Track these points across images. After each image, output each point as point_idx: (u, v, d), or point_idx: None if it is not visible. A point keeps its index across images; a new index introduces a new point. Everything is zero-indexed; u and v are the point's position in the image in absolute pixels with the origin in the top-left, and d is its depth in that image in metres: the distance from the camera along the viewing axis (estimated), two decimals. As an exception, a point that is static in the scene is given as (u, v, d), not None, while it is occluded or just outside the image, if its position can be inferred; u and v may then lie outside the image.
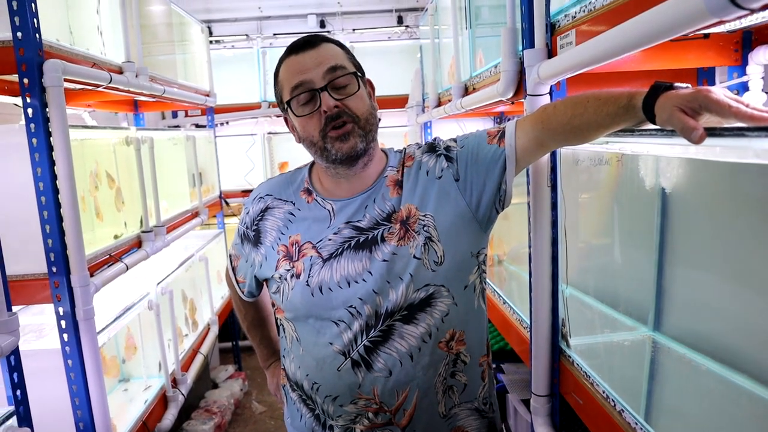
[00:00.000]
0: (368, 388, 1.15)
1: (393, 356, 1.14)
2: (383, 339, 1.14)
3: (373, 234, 1.16)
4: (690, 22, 0.75)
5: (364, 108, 1.15)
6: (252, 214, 1.29)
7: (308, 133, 1.15)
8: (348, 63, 1.17)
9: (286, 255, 1.21)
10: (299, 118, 1.16)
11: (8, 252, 1.34)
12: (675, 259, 1.13)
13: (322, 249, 1.17)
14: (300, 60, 1.14)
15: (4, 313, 1.30)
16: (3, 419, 1.25)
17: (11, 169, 1.70)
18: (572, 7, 1.26)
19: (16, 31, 1.57)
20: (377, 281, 1.13)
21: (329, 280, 1.15)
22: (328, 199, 1.22)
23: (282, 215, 1.24)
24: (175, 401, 2.51)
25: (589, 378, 1.31)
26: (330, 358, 1.16)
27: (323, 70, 1.12)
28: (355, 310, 1.14)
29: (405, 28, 4.94)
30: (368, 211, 1.18)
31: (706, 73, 1.65)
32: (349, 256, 1.15)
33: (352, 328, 1.14)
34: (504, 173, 1.17)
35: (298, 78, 1.13)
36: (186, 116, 4.91)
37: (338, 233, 1.17)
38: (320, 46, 1.15)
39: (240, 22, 5.05)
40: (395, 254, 1.14)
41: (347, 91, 1.14)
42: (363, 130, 1.14)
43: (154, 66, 2.69)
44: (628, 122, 0.98)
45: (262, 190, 1.32)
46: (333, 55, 1.15)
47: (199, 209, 3.30)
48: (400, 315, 1.14)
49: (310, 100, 1.14)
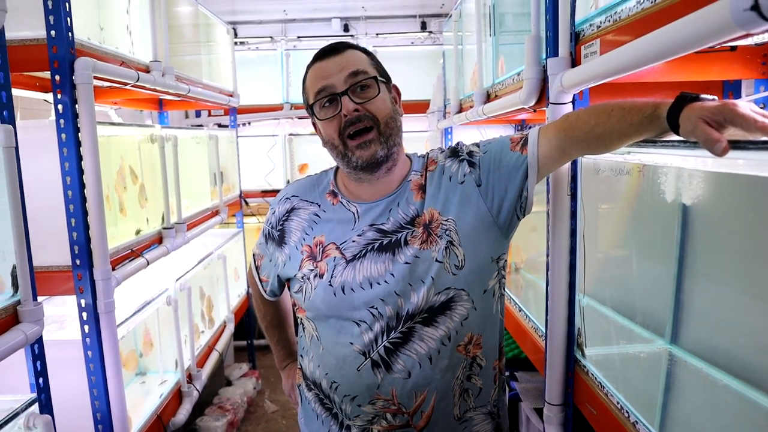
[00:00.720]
0: (387, 389, 1.16)
1: (412, 358, 1.15)
2: (403, 340, 1.15)
3: (396, 237, 1.18)
4: (716, 35, 0.75)
5: (385, 111, 1.17)
6: (278, 214, 1.31)
7: (329, 136, 1.18)
8: (370, 68, 1.19)
9: (309, 255, 1.23)
10: (321, 122, 1.19)
11: (34, 243, 1.37)
12: (694, 272, 1.12)
13: (346, 250, 1.19)
14: (324, 66, 1.18)
15: (30, 302, 1.33)
16: (26, 406, 1.28)
17: (40, 163, 1.74)
18: (597, 16, 1.26)
19: (50, 30, 1.62)
20: (399, 283, 1.15)
21: (352, 280, 1.17)
22: (353, 201, 1.24)
23: (307, 216, 1.26)
24: (189, 396, 2.54)
25: (603, 388, 1.31)
26: (350, 357, 1.17)
27: (345, 74, 1.15)
28: (376, 311, 1.15)
29: (428, 33, 4.96)
30: (392, 215, 1.20)
31: (732, 85, 1.63)
32: (372, 258, 1.17)
33: (373, 329, 1.16)
34: (525, 180, 1.17)
35: (322, 83, 1.17)
36: (209, 116, 4.98)
37: (362, 235, 1.19)
38: (344, 52, 1.19)
39: (265, 24, 5.11)
40: (417, 257, 1.15)
41: (368, 95, 1.16)
42: (383, 135, 1.16)
43: (180, 65, 2.73)
44: (652, 132, 0.98)
45: (289, 191, 1.34)
46: (355, 61, 1.18)
47: (219, 208, 3.34)
48: (420, 317, 1.15)
49: (332, 104, 1.17)
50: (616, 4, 1.17)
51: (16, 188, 1.30)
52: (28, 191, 1.35)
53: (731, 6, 0.68)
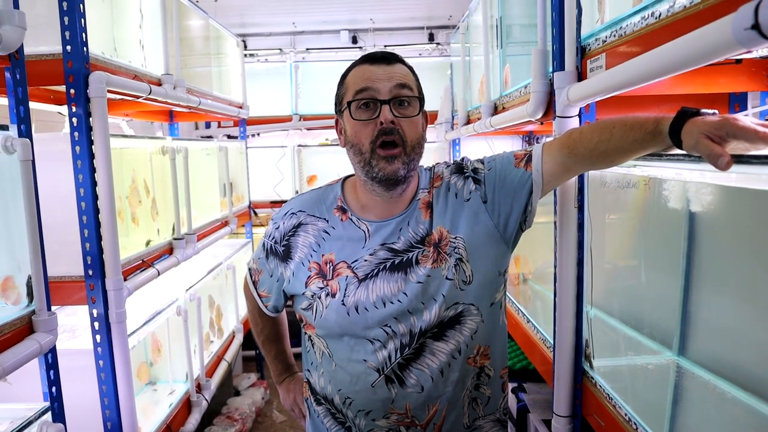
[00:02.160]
0: (401, 403, 1.17)
1: (425, 372, 1.17)
2: (415, 356, 1.17)
3: (407, 256, 1.18)
4: (718, 52, 0.77)
5: (415, 135, 1.17)
6: (283, 230, 1.28)
7: (359, 140, 1.16)
8: (415, 87, 1.19)
9: (318, 273, 1.21)
10: (353, 122, 1.16)
11: (48, 254, 1.40)
12: (701, 284, 1.13)
13: (358, 269, 1.19)
14: (372, 70, 1.16)
15: (44, 312, 1.35)
16: (39, 414, 1.30)
17: (54, 175, 1.77)
18: (603, 31, 1.28)
19: (65, 45, 1.66)
20: (412, 302, 1.15)
21: (365, 299, 1.17)
22: (363, 219, 1.22)
23: (315, 232, 1.24)
24: (198, 406, 2.55)
25: (611, 400, 1.31)
26: (364, 374, 1.18)
27: (392, 84, 1.14)
28: (389, 329, 1.16)
29: (436, 45, 4.99)
30: (403, 234, 1.20)
31: (737, 98, 1.64)
32: (385, 278, 1.17)
33: (386, 347, 1.16)
34: (530, 196, 1.19)
35: (366, 84, 1.14)
36: (219, 127, 5.03)
37: (374, 254, 1.19)
38: (395, 64, 1.18)
39: (274, 37, 5.17)
40: (429, 276, 1.16)
41: (406, 112, 1.15)
42: (408, 156, 1.15)
43: (191, 78, 2.77)
44: (655, 147, 0.99)
45: (293, 206, 1.30)
46: (404, 75, 1.18)
47: (229, 218, 3.36)
48: (431, 333, 1.17)
49: (368, 109, 1.15)
50: (622, 20, 1.19)
51: (32, 200, 1.33)
52: (43, 202, 1.38)
53: (733, 24, 0.69)
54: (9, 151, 1.28)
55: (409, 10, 4.74)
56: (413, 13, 4.83)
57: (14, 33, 1.26)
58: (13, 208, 1.32)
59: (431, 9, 4.73)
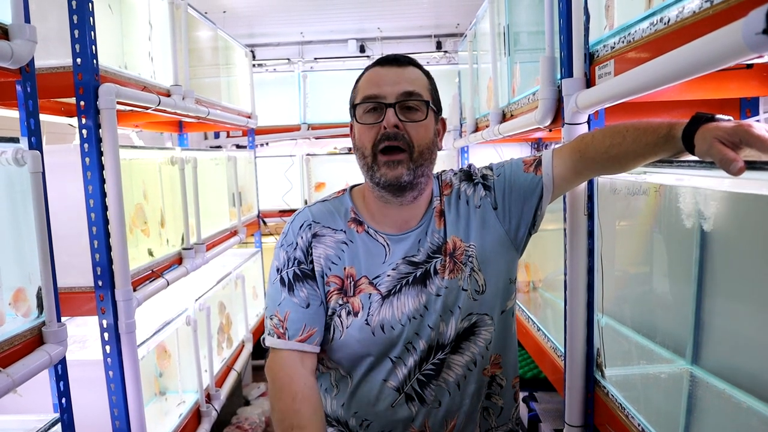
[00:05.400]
0: (420, 421, 1.15)
1: (442, 387, 1.15)
2: (435, 371, 1.14)
3: (426, 267, 1.15)
4: (728, 57, 0.76)
5: (424, 140, 1.12)
6: (303, 245, 1.17)
7: (362, 143, 1.13)
8: (426, 92, 1.14)
9: (339, 289, 1.15)
10: (359, 126, 1.14)
11: (58, 265, 1.40)
12: (714, 291, 1.11)
13: (380, 285, 1.14)
14: (382, 73, 1.14)
15: (54, 324, 1.36)
16: (49, 426, 1.30)
17: (64, 186, 1.78)
18: (611, 37, 1.27)
19: (76, 57, 1.67)
20: (432, 316, 1.13)
21: (391, 318, 1.12)
22: (380, 232, 1.18)
23: (334, 244, 1.17)
24: (208, 416, 2.54)
25: (624, 410, 1.29)
26: (384, 395, 1.14)
27: (399, 90, 1.10)
28: (411, 346, 1.13)
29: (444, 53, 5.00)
30: (422, 245, 1.17)
31: (749, 103, 1.62)
32: (408, 293, 1.14)
33: (407, 364, 1.13)
34: (541, 201, 1.18)
35: (373, 89, 1.12)
36: (228, 137, 5.05)
37: (396, 269, 1.14)
38: (407, 67, 1.15)
39: (282, 47, 5.20)
40: (447, 288, 1.14)
41: (413, 117, 1.11)
42: (414, 162, 1.11)
43: (200, 88, 2.79)
44: (667, 152, 0.98)
45: (306, 217, 1.20)
46: (414, 80, 1.13)
47: (238, 228, 3.37)
48: (449, 347, 1.14)
49: (375, 112, 1.12)
50: (630, 26, 1.18)
51: (42, 212, 1.34)
52: (53, 213, 1.39)
53: (743, 29, 0.69)
54: (20, 163, 1.29)
55: (417, 19, 4.76)
56: (421, 22, 4.85)
57: (25, 47, 1.27)
58: (24, 219, 1.33)
59: (439, 17, 4.75)
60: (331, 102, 4.57)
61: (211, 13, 4.03)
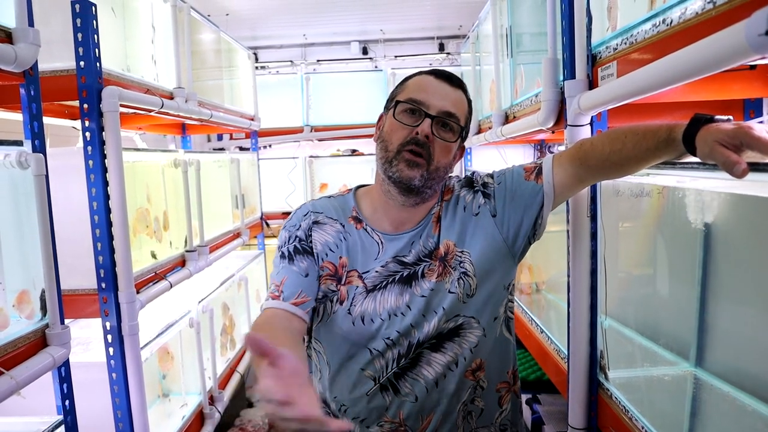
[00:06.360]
0: (394, 412, 1.19)
1: (419, 382, 1.18)
2: (411, 365, 1.18)
3: (414, 269, 1.19)
4: (731, 59, 0.76)
5: (444, 159, 1.17)
6: (304, 228, 1.23)
7: (390, 138, 1.17)
8: (463, 118, 1.20)
9: (332, 275, 1.21)
10: (393, 121, 1.18)
11: (61, 267, 1.41)
12: (718, 293, 1.11)
13: (367, 279, 1.19)
14: (435, 84, 1.18)
15: (58, 326, 1.36)
16: (52, 428, 1.30)
17: (68, 188, 1.79)
18: (614, 39, 1.27)
19: (79, 61, 1.68)
20: (415, 315, 1.16)
21: (372, 311, 1.18)
22: (376, 230, 1.23)
23: (333, 233, 1.23)
24: (211, 418, 2.55)
25: (627, 412, 1.29)
26: (360, 383, 1.19)
27: (443, 106, 1.16)
28: (390, 341, 1.17)
29: (446, 55, 5.00)
30: (414, 247, 1.21)
31: (752, 104, 1.62)
32: (392, 290, 1.18)
33: (385, 357, 1.17)
34: (542, 209, 1.19)
35: (421, 95, 1.16)
36: (231, 139, 5.05)
37: (385, 266, 1.19)
38: (456, 89, 1.20)
39: (285, 49, 5.21)
40: (433, 290, 1.17)
41: (445, 135, 1.16)
42: (429, 173, 1.15)
43: (203, 91, 2.80)
44: (669, 155, 0.98)
45: (310, 208, 1.28)
46: (458, 102, 1.19)
47: (241, 230, 3.37)
48: (429, 343, 1.17)
49: (413, 115, 1.16)
50: (633, 27, 1.18)
51: (45, 215, 1.34)
52: (56, 216, 1.39)
53: (746, 30, 0.68)
54: (23, 166, 1.30)
55: (419, 21, 4.76)
56: (423, 24, 4.84)
57: (29, 50, 1.28)
58: (27, 222, 1.34)
59: (441, 19, 4.74)
60: (334, 104, 4.57)
61: (213, 15, 4.03)
